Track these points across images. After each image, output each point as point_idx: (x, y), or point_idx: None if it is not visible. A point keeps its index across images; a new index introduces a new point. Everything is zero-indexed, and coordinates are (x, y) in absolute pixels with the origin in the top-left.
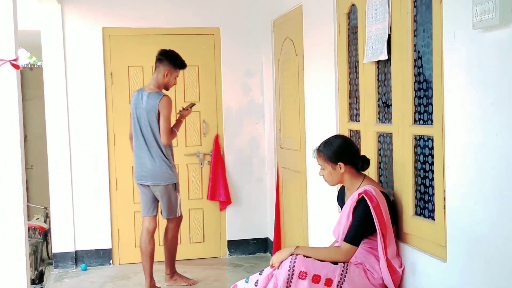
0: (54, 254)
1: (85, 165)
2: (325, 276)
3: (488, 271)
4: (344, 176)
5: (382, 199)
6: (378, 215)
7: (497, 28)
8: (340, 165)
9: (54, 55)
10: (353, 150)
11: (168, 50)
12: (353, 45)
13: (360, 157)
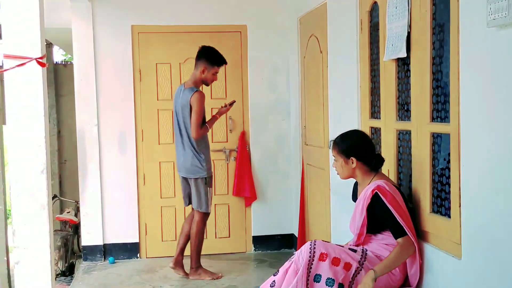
0: (83, 247)
1: (114, 161)
2: (344, 260)
3: (502, 269)
4: (356, 171)
5: (396, 192)
6: (395, 208)
7: (510, 26)
8: (352, 159)
9: (84, 52)
10: (368, 147)
11: (207, 47)
12: (374, 43)
13: (375, 156)
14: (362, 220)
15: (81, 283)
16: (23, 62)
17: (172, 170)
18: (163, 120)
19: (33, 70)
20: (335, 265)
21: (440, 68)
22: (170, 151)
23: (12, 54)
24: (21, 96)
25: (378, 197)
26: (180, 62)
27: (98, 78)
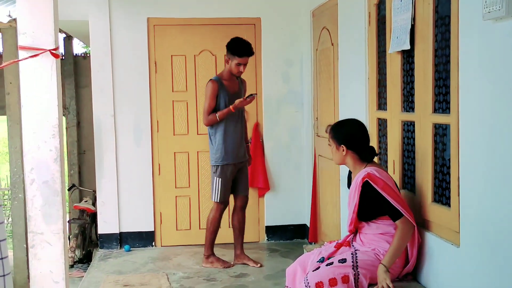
0: (100, 235)
1: (130, 151)
2: (339, 276)
3: (498, 256)
4: (346, 159)
5: (388, 177)
6: (389, 193)
7: (504, 19)
8: (343, 147)
9: (101, 44)
10: (360, 138)
11: (233, 38)
12: (382, 35)
13: (367, 147)
14: (354, 207)
15: (97, 270)
16: (37, 53)
17: (186, 161)
18: (178, 111)
19: (47, 61)
20: (334, 286)
21: (442, 60)
22: (185, 142)
23: (27, 46)
24: (36, 86)
25: (369, 185)
26: (195, 54)
27: (114, 69)
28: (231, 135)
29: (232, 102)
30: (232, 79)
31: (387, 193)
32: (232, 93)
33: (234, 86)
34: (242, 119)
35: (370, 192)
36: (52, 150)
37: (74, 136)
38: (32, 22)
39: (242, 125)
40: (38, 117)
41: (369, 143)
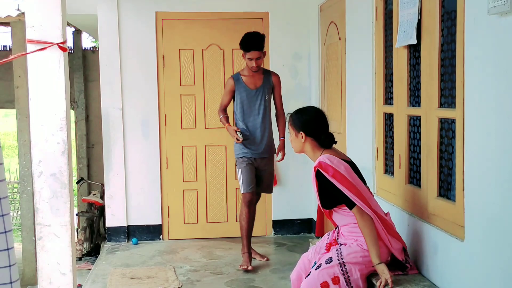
0: (108, 228)
1: (137, 144)
2: (330, 277)
3: (502, 251)
4: (305, 146)
5: (340, 165)
6: (340, 181)
7: (509, 14)
8: (301, 134)
9: (109, 38)
10: (318, 124)
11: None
12: (389, 30)
13: (326, 134)
14: (317, 198)
15: (105, 263)
16: (45, 46)
17: (194, 155)
18: (186, 105)
19: (54, 54)
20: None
21: (448, 54)
22: (193, 135)
23: (35, 39)
24: (44, 80)
25: (320, 174)
26: (202, 48)
27: (122, 63)
28: (248, 129)
29: (251, 98)
30: (253, 75)
31: (337, 180)
32: (253, 89)
33: (255, 82)
34: (264, 114)
35: (324, 180)
36: (59, 143)
37: (83, 129)
38: (40, 16)
39: (264, 120)
40: (45, 110)
41: (328, 130)
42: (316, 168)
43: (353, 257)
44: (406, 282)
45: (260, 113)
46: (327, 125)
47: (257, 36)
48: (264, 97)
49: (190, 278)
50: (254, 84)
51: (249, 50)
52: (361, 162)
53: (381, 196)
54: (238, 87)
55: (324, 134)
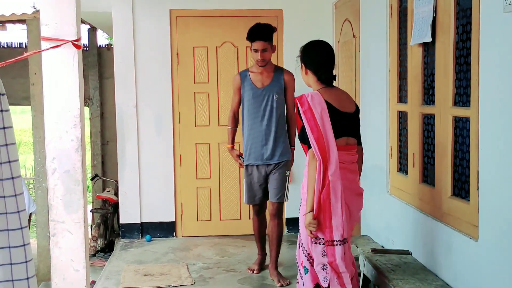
0: (121, 225)
1: (151, 142)
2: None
3: None
4: (308, 79)
5: (320, 106)
6: (308, 119)
7: None
8: (302, 65)
9: (124, 35)
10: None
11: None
12: (403, 28)
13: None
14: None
15: (118, 259)
16: (59, 44)
17: (207, 152)
18: (200, 102)
19: (69, 52)
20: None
21: (463, 52)
22: (206, 133)
23: (49, 37)
24: (58, 77)
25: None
26: (217, 45)
27: (137, 61)
28: (253, 134)
29: (257, 97)
30: (262, 72)
31: (306, 118)
32: (260, 87)
33: (263, 79)
34: (270, 116)
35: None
36: (73, 140)
37: (98, 126)
38: (55, 13)
39: (270, 123)
40: (60, 107)
41: (329, 66)
42: (296, 100)
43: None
44: (419, 282)
45: (266, 115)
46: (329, 62)
47: (264, 25)
48: (272, 97)
49: (203, 275)
50: (262, 82)
51: (254, 40)
52: (374, 160)
53: (394, 195)
54: (244, 85)
55: (322, 69)
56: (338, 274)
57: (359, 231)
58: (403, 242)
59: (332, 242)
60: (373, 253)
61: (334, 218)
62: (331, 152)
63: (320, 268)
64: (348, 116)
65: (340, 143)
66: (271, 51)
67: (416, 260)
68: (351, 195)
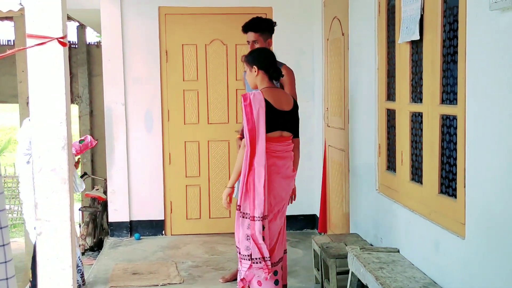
0: (110, 223)
1: (140, 140)
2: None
3: (503, 248)
4: (257, 79)
5: (260, 102)
6: (246, 112)
7: (510, 9)
8: (255, 68)
9: (112, 33)
10: (268, 58)
11: None
12: (391, 25)
13: (274, 68)
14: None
15: (107, 258)
16: (44, 41)
17: (197, 150)
18: (189, 100)
19: (54, 49)
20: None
21: (450, 50)
22: (196, 131)
23: (35, 34)
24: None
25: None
26: (205, 43)
27: (125, 58)
28: None
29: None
30: None
31: (245, 112)
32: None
33: None
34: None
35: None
36: (59, 138)
37: (87, 124)
38: (40, 10)
39: None
40: (45, 105)
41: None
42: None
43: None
44: (407, 280)
45: None
46: (274, 62)
47: (257, 18)
48: None
49: (192, 274)
50: None
51: (246, 31)
52: (363, 158)
53: (383, 193)
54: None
55: (273, 68)
56: (257, 244)
57: (348, 229)
58: (392, 240)
59: (253, 218)
60: (362, 251)
61: (257, 198)
62: (259, 143)
63: (245, 239)
64: (284, 114)
65: (275, 135)
66: (264, 44)
67: (404, 258)
68: (280, 178)
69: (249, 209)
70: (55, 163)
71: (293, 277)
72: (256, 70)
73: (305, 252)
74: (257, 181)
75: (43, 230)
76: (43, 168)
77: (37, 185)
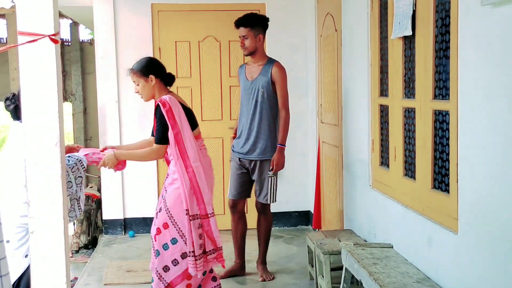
0: (104, 221)
1: (134, 137)
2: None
3: (496, 243)
4: (155, 89)
5: (177, 105)
6: (169, 117)
7: (502, 4)
8: (151, 77)
9: (105, 30)
10: (160, 66)
11: None
12: (384, 21)
13: (167, 73)
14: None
15: (101, 255)
16: (35, 38)
17: None
18: (183, 97)
19: (46, 46)
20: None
21: (442, 46)
22: None
23: (26, 31)
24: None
25: (158, 107)
26: (199, 40)
27: (118, 56)
28: (241, 128)
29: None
30: (254, 64)
31: (167, 116)
32: (249, 80)
33: (253, 72)
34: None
35: (158, 114)
36: (52, 135)
37: (81, 122)
38: (32, 7)
39: (254, 117)
40: (37, 102)
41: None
42: (157, 103)
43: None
44: (400, 275)
45: (251, 108)
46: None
47: (250, 13)
48: (258, 91)
49: None
50: (252, 74)
51: (237, 27)
52: (357, 154)
53: (376, 189)
54: (240, 78)
55: (167, 75)
56: (213, 239)
57: (342, 225)
58: (385, 235)
59: (207, 215)
60: (355, 247)
61: (205, 196)
62: (189, 143)
63: (198, 238)
64: (191, 110)
65: (197, 132)
66: (254, 40)
67: (398, 254)
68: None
69: (198, 210)
70: (48, 160)
71: (288, 273)
72: (153, 79)
73: (300, 248)
74: (200, 180)
75: (35, 229)
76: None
77: (29, 183)
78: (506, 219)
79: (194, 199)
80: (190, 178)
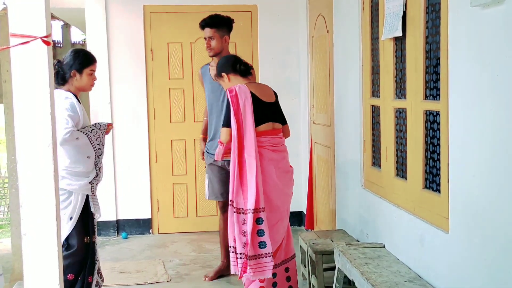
0: (97, 223)
1: (127, 139)
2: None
3: (487, 242)
4: (234, 82)
5: (246, 94)
6: (233, 104)
7: (491, 6)
8: (224, 75)
9: (97, 32)
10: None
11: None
12: (375, 22)
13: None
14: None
15: None
16: (27, 40)
17: (183, 148)
18: (175, 99)
19: (38, 48)
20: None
21: (432, 47)
22: (182, 129)
23: (18, 33)
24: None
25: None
26: (191, 41)
27: (110, 57)
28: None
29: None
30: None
31: (231, 102)
32: (215, 80)
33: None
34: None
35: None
36: (44, 137)
37: None
38: (24, 9)
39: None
40: (29, 104)
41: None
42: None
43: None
44: (392, 275)
45: (221, 108)
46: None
47: (215, 14)
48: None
49: (179, 272)
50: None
51: (202, 28)
52: (348, 155)
53: (368, 189)
54: (205, 80)
55: (236, 64)
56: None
57: (335, 225)
58: (377, 235)
59: (245, 211)
60: (348, 247)
61: (249, 192)
62: (247, 135)
63: (242, 235)
64: (270, 105)
65: (267, 127)
66: (220, 41)
67: (390, 253)
68: (281, 173)
69: (243, 204)
70: (40, 162)
71: None
72: (227, 76)
73: None
74: (249, 174)
75: (28, 231)
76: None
77: (21, 185)
78: (497, 218)
79: (240, 191)
80: (241, 169)
